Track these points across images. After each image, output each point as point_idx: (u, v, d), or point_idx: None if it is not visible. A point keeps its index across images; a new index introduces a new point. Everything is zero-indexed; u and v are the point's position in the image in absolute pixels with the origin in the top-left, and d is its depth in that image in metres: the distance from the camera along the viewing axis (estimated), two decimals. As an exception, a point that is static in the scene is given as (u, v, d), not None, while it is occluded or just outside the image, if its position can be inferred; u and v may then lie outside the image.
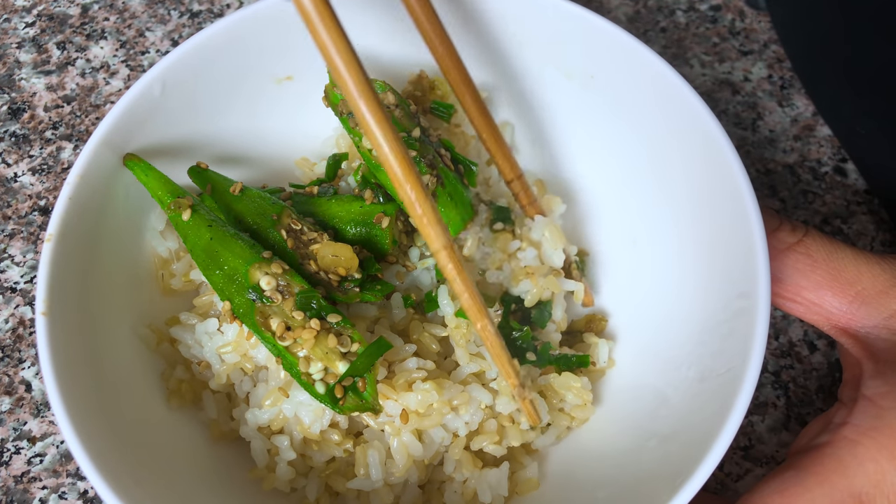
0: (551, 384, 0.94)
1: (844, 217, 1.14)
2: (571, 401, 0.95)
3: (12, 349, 1.07)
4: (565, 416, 0.96)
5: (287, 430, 0.90)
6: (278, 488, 0.91)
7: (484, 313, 0.83)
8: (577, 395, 0.94)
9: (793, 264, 0.90)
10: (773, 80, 1.24)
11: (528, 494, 0.93)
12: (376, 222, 0.91)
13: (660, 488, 0.79)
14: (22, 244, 1.13)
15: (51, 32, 1.28)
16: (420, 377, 0.88)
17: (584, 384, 0.95)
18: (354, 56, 0.74)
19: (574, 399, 0.94)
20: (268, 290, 0.85)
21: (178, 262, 0.98)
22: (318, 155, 1.06)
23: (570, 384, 0.94)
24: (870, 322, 0.89)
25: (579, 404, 0.95)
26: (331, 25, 0.72)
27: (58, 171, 1.17)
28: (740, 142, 1.19)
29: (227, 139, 1.02)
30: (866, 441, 0.81)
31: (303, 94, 1.03)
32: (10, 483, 1.00)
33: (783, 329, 1.08)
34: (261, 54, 0.99)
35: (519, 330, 0.95)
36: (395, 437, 0.88)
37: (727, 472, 1.01)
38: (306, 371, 0.84)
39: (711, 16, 1.29)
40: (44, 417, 1.04)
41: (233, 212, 0.92)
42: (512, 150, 0.98)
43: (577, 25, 0.94)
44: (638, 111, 0.97)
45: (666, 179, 0.97)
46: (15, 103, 1.23)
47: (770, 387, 1.05)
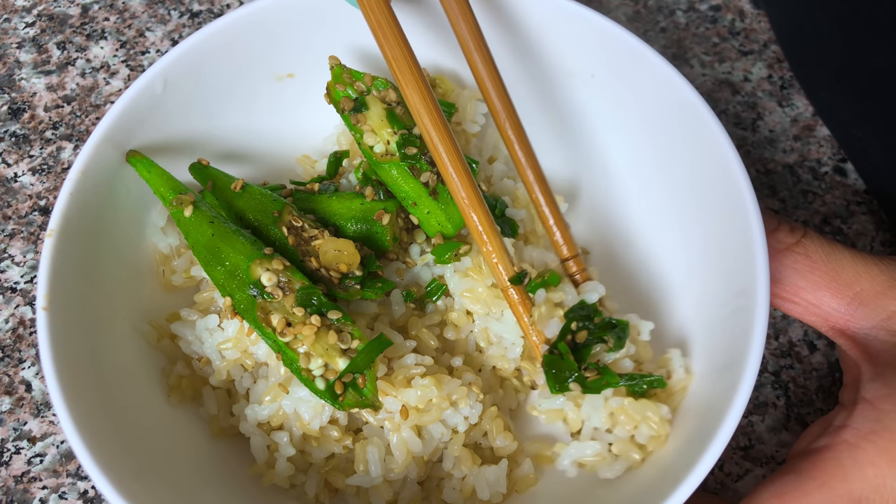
0: (625, 408, 0.87)
1: (844, 217, 1.14)
2: (646, 432, 0.87)
3: (12, 349, 1.07)
4: (636, 447, 0.88)
5: (287, 426, 0.90)
6: (278, 484, 0.91)
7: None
8: (655, 426, 0.86)
9: (791, 265, 0.90)
10: (773, 81, 1.24)
11: (526, 491, 0.93)
12: (377, 219, 0.91)
13: (658, 486, 0.79)
14: (22, 244, 1.13)
15: (51, 32, 1.28)
16: (419, 373, 0.88)
17: (665, 414, 0.87)
18: (432, 96, 0.86)
19: (649, 431, 0.87)
20: (269, 286, 0.85)
21: (178, 258, 0.98)
22: (319, 152, 1.06)
23: (647, 414, 0.86)
24: (868, 323, 0.89)
25: (655, 436, 0.87)
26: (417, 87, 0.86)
27: (58, 171, 1.17)
28: (740, 142, 1.19)
29: (229, 136, 1.02)
30: (866, 445, 0.81)
31: (304, 91, 1.03)
32: (10, 483, 1.00)
33: (783, 329, 1.08)
34: (262, 51, 0.99)
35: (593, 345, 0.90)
36: (395, 434, 0.88)
37: (727, 472, 1.01)
38: (306, 367, 0.84)
39: (711, 16, 1.30)
40: (44, 417, 1.04)
41: (234, 208, 0.93)
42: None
43: (578, 24, 0.94)
44: (639, 110, 0.97)
45: (666, 178, 0.97)
46: (15, 103, 1.23)
47: (770, 387, 1.05)
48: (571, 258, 0.96)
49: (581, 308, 0.91)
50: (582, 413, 0.88)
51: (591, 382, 0.87)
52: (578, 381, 0.87)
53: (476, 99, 1.03)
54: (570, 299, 0.91)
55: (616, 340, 0.89)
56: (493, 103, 0.95)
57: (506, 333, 0.94)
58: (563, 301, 0.91)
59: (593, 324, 0.90)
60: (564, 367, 0.88)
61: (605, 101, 0.99)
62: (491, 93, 0.95)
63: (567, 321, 0.90)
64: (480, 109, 1.04)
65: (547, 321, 0.89)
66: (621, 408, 0.87)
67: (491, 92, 0.95)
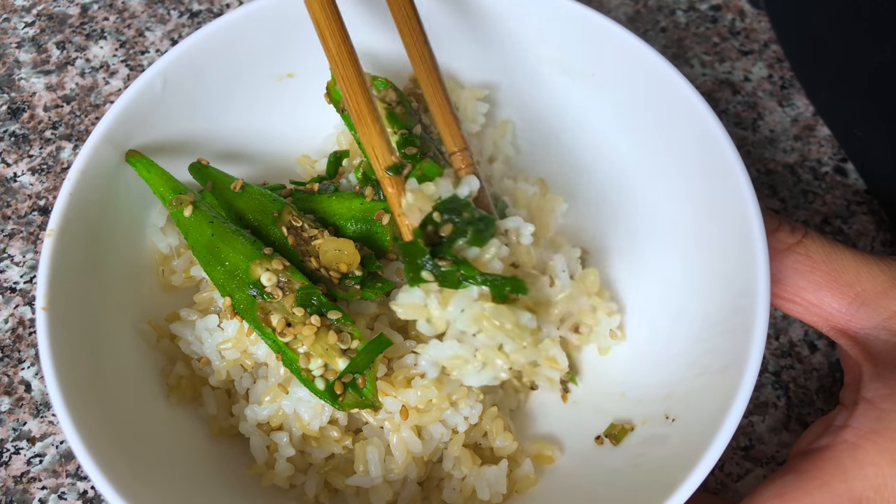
0: (485, 313, 0.80)
1: (845, 217, 1.14)
2: (509, 346, 0.81)
3: (12, 349, 1.07)
4: (503, 357, 0.81)
5: (286, 426, 0.90)
6: (277, 484, 0.91)
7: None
8: (512, 335, 0.80)
9: (792, 265, 0.90)
10: (773, 80, 1.24)
11: (526, 492, 0.93)
12: (377, 219, 0.91)
13: (658, 486, 0.79)
14: (21, 244, 1.13)
15: (50, 32, 1.28)
16: (419, 373, 0.88)
17: (526, 321, 0.81)
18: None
19: (507, 339, 0.80)
20: (268, 286, 0.85)
21: (178, 258, 0.98)
22: (318, 152, 1.06)
23: (505, 322, 0.80)
24: (869, 323, 0.89)
25: (517, 348, 0.81)
26: None
27: (57, 171, 1.17)
28: (740, 142, 1.19)
29: (228, 136, 1.02)
30: (867, 445, 0.81)
31: (304, 91, 1.03)
32: (9, 483, 1.00)
33: (784, 329, 1.08)
34: (262, 51, 0.99)
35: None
36: (395, 434, 0.88)
37: (727, 473, 1.01)
38: (306, 367, 0.84)
39: (712, 16, 1.29)
40: (43, 418, 1.04)
41: (234, 208, 0.93)
42: (462, 130, 0.92)
43: (579, 24, 0.94)
44: (639, 110, 0.97)
45: (667, 178, 0.97)
46: (14, 103, 1.23)
47: (770, 387, 1.05)
48: (459, 151, 0.90)
49: (451, 201, 0.83)
50: (448, 314, 0.81)
51: (445, 272, 0.80)
52: (432, 270, 0.80)
53: (476, 99, 1.03)
54: (445, 193, 0.84)
55: (474, 234, 0.81)
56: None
57: (505, 333, 0.94)
58: (435, 193, 0.83)
59: (461, 217, 0.82)
60: (417, 253, 0.81)
61: (606, 100, 0.99)
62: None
63: (431, 211, 0.82)
64: (481, 109, 1.04)
65: (417, 213, 0.83)
66: (482, 313, 0.80)
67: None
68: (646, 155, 0.99)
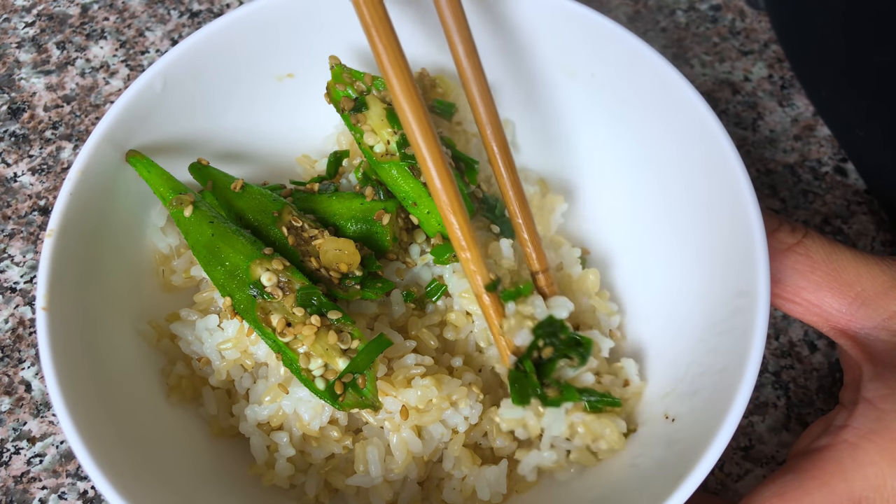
0: (585, 422, 0.90)
1: (845, 217, 1.14)
2: (603, 445, 0.91)
3: (12, 349, 1.07)
4: (592, 455, 0.92)
5: (286, 426, 0.90)
6: (277, 484, 0.91)
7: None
8: (611, 442, 0.90)
9: (792, 265, 0.90)
10: (773, 80, 1.24)
11: (526, 492, 0.93)
12: (377, 219, 0.91)
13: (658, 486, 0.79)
14: (22, 244, 1.13)
15: (50, 32, 1.28)
16: (419, 373, 0.88)
17: (621, 428, 0.91)
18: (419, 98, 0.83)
19: (606, 445, 0.91)
20: (269, 286, 0.85)
21: (178, 258, 0.98)
22: (319, 152, 1.06)
23: (605, 431, 0.90)
24: (869, 323, 0.89)
25: (609, 448, 0.91)
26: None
27: (57, 171, 1.17)
28: (741, 142, 1.19)
29: (228, 136, 1.02)
30: (866, 444, 0.81)
31: (304, 91, 1.03)
32: (9, 483, 1.00)
33: (783, 329, 1.08)
34: (262, 51, 0.99)
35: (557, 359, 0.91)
36: (395, 434, 0.88)
37: (727, 472, 1.01)
38: (306, 367, 0.84)
39: (712, 16, 1.29)
40: (43, 418, 1.04)
41: (234, 208, 0.93)
42: (519, 172, 0.95)
43: (579, 24, 0.94)
44: (639, 110, 0.97)
45: (667, 178, 0.97)
46: (15, 103, 1.23)
47: (770, 387, 1.05)
48: (542, 272, 0.94)
49: (549, 324, 0.90)
50: (543, 423, 0.89)
51: (552, 399, 0.88)
52: (540, 397, 0.88)
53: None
54: (539, 312, 0.91)
55: (580, 358, 0.90)
56: (479, 114, 0.93)
57: (505, 333, 0.94)
58: (532, 314, 0.90)
59: (559, 340, 0.90)
60: (528, 384, 0.88)
61: (606, 100, 0.99)
62: (477, 102, 0.92)
63: (535, 338, 0.90)
64: (481, 109, 1.04)
65: (516, 331, 0.89)
66: (581, 422, 0.89)
67: (478, 101, 0.92)
68: (646, 154, 0.99)
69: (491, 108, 0.92)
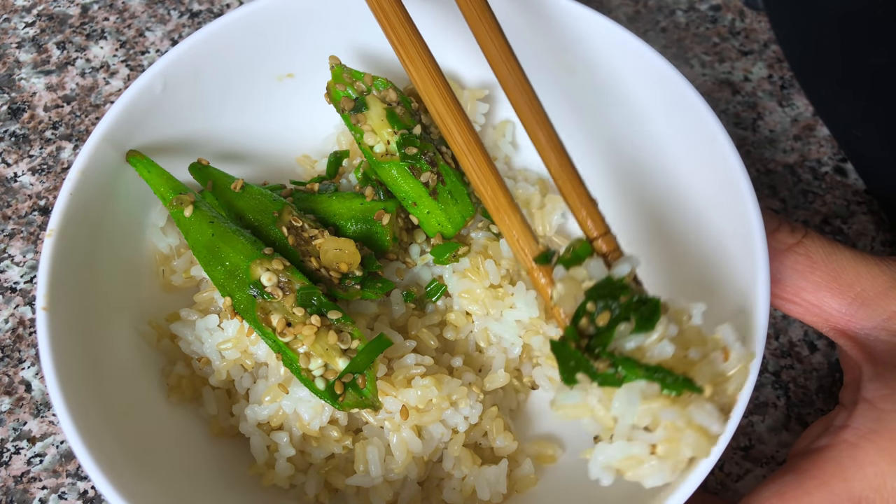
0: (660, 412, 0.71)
1: (845, 217, 1.14)
2: (693, 440, 0.72)
3: (12, 349, 1.07)
4: (686, 446, 0.72)
5: (286, 426, 0.90)
6: (277, 484, 0.91)
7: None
8: (694, 444, 0.72)
9: (792, 265, 0.90)
10: (773, 80, 1.24)
11: (526, 492, 0.93)
12: (377, 219, 0.91)
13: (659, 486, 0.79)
14: (22, 244, 1.13)
15: (50, 32, 1.28)
16: (419, 373, 0.88)
17: (705, 422, 0.72)
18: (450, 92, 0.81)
19: (696, 437, 0.72)
20: (269, 286, 0.85)
21: (178, 258, 0.98)
22: (319, 152, 1.06)
23: (693, 421, 0.71)
24: (869, 324, 0.88)
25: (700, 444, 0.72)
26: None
27: (57, 171, 1.17)
28: (740, 142, 1.19)
29: (228, 136, 1.02)
30: (866, 445, 0.81)
31: (304, 91, 1.03)
32: (9, 483, 1.00)
33: (783, 329, 1.08)
34: (262, 51, 0.99)
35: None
36: (395, 434, 0.88)
37: (727, 473, 1.01)
38: (306, 367, 0.84)
39: (711, 16, 1.29)
40: (43, 418, 1.04)
41: (234, 208, 0.93)
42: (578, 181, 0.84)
43: (580, 24, 0.94)
44: (639, 110, 0.97)
45: (667, 178, 0.97)
46: (15, 103, 1.23)
47: (770, 387, 1.05)
48: (601, 236, 0.80)
49: (604, 286, 0.75)
50: (613, 409, 0.72)
51: (603, 375, 0.72)
52: (585, 370, 0.73)
53: (476, 99, 1.03)
54: (597, 275, 0.77)
55: (638, 321, 0.73)
56: (500, 70, 0.85)
57: (505, 334, 0.94)
58: (586, 278, 0.76)
59: (618, 303, 0.74)
60: (569, 356, 0.73)
61: (606, 100, 0.99)
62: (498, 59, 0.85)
63: (584, 300, 0.75)
64: (481, 109, 1.04)
65: (571, 302, 0.75)
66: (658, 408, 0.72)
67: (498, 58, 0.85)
68: (645, 155, 0.99)
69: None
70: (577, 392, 0.74)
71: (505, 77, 0.84)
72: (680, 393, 0.71)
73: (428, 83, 0.83)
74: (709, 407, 0.72)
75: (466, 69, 1.05)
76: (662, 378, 0.71)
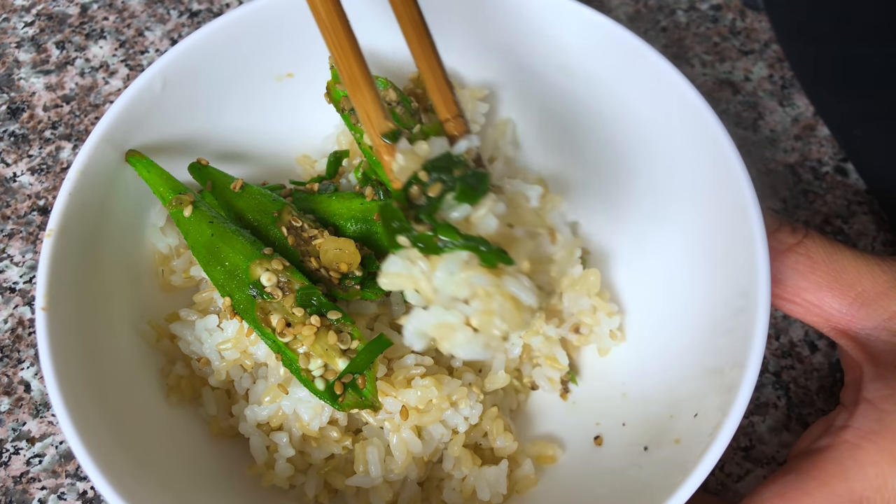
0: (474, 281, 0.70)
1: (845, 217, 1.14)
2: (504, 308, 0.71)
3: (11, 349, 1.07)
4: (501, 322, 0.70)
5: (286, 426, 0.90)
6: (277, 485, 0.91)
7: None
8: (506, 315, 0.71)
9: (793, 265, 0.90)
10: (773, 80, 1.24)
11: (526, 492, 0.93)
12: (377, 219, 0.91)
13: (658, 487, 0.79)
14: (21, 244, 1.13)
15: (50, 32, 1.28)
16: (419, 373, 0.88)
17: (524, 285, 0.71)
18: None
19: (507, 306, 0.71)
20: (268, 286, 0.85)
21: (178, 258, 0.98)
22: (318, 152, 1.06)
23: (504, 288, 0.70)
24: (870, 324, 0.89)
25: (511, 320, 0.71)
26: None
27: (57, 171, 1.17)
28: (741, 142, 1.19)
29: (228, 136, 1.02)
30: (867, 445, 0.81)
31: (303, 90, 1.03)
32: (9, 483, 1.00)
33: (784, 329, 1.08)
34: (262, 51, 0.99)
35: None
36: (395, 434, 0.88)
37: (728, 473, 1.01)
38: (306, 367, 0.84)
39: (712, 15, 1.29)
40: (43, 418, 1.03)
41: (233, 208, 0.93)
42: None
43: (579, 23, 0.94)
44: (639, 110, 0.96)
45: (667, 177, 0.97)
46: (14, 103, 1.22)
47: (771, 387, 1.05)
48: (452, 118, 0.81)
49: (441, 159, 0.76)
50: (435, 280, 0.72)
51: (419, 236, 0.72)
52: (406, 231, 0.73)
53: (476, 99, 1.03)
54: (439, 151, 0.78)
55: (463, 189, 0.73)
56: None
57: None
58: (428, 153, 0.77)
59: (451, 176, 0.74)
60: (391, 215, 0.74)
61: (606, 100, 0.99)
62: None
63: (417, 170, 0.75)
64: (481, 109, 1.03)
65: (407, 173, 0.76)
66: (481, 286, 0.71)
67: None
68: (646, 155, 0.99)
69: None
70: (401, 260, 0.73)
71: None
72: (495, 265, 0.71)
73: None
74: (524, 279, 0.71)
75: (467, 69, 1.04)
76: (476, 246, 0.71)
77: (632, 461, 0.88)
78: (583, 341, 0.99)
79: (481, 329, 0.71)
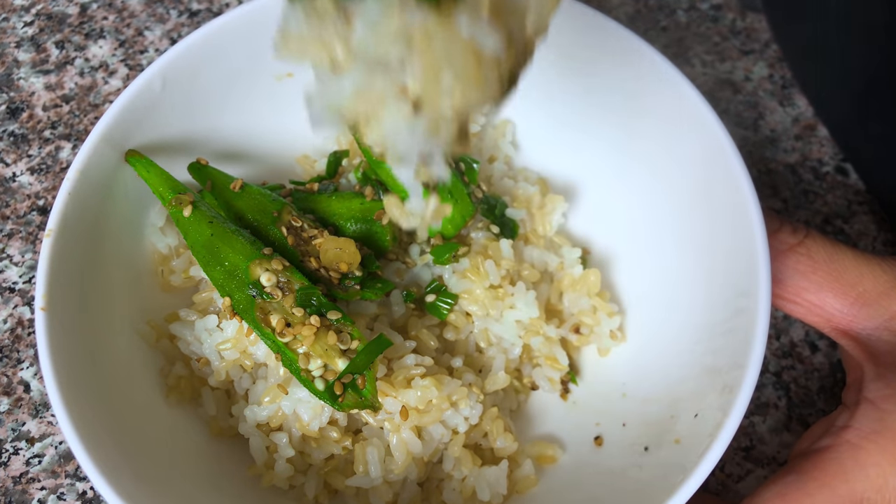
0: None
1: (846, 217, 1.14)
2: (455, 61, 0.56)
3: (11, 349, 1.07)
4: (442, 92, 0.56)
5: (286, 427, 0.90)
6: (277, 485, 0.90)
7: None
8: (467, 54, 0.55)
9: (794, 265, 0.90)
10: (774, 80, 1.24)
11: (526, 492, 0.93)
12: (377, 219, 0.91)
13: (659, 487, 0.79)
14: (20, 244, 1.13)
15: (49, 32, 1.28)
16: (419, 374, 0.88)
17: (482, 23, 0.55)
18: None
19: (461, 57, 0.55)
20: (268, 286, 0.85)
21: (177, 258, 0.98)
22: (318, 152, 1.06)
23: (457, 32, 0.54)
24: (871, 324, 0.88)
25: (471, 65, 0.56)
26: None
27: (56, 171, 1.17)
28: (741, 141, 1.19)
29: (228, 136, 1.02)
30: (868, 445, 0.81)
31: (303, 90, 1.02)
32: (8, 484, 1.00)
33: (784, 329, 1.08)
34: (261, 51, 0.98)
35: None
36: (395, 434, 0.88)
37: (728, 473, 1.01)
38: (306, 368, 0.84)
39: (712, 15, 1.29)
40: (42, 418, 1.03)
41: (233, 208, 0.92)
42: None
43: (580, 23, 0.94)
44: (640, 109, 0.96)
45: (668, 178, 0.97)
46: (13, 103, 1.22)
47: (771, 387, 1.05)
48: None
49: None
50: (354, 40, 0.57)
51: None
52: None
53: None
54: None
55: None
56: None
57: (505, 334, 0.94)
58: None
59: None
60: None
61: (606, 100, 0.99)
62: None
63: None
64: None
65: None
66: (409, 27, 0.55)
67: None
68: (646, 154, 0.99)
69: None
70: (304, 15, 0.57)
71: None
72: (437, 2, 0.52)
73: None
74: (484, 16, 0.53)
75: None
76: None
77: (632, 461, 0.88)
78: (583, 341, 0.99)
79: (425, 98, 0.54)
